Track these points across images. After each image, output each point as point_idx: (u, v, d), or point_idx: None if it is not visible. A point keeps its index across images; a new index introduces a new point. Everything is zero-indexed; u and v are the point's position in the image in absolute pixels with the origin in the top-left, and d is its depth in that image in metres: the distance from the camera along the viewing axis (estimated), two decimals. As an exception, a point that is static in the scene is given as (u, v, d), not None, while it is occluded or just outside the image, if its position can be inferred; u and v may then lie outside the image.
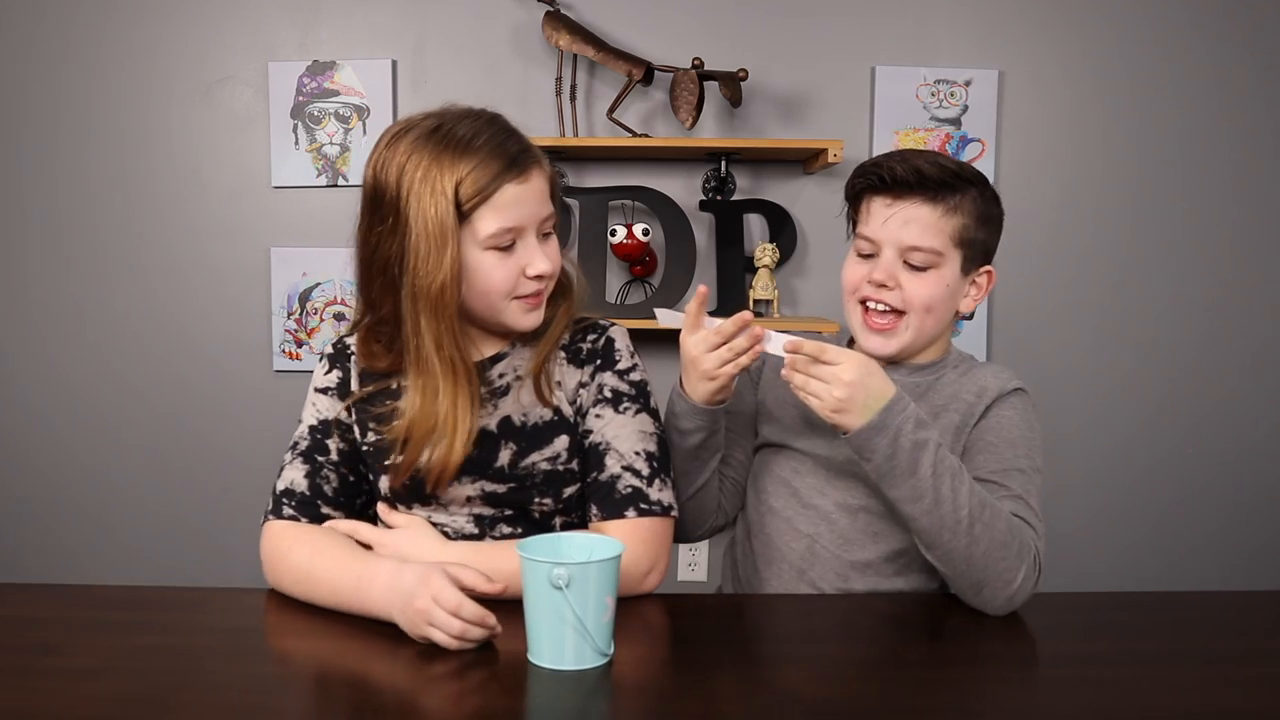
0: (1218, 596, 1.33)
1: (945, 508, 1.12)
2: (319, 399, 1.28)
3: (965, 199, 1.27)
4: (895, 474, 1.12)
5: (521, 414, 1.24)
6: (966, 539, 1.12)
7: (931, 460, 1.12)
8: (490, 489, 1.23)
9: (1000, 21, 2.50)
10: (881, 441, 1.12)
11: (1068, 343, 2.56)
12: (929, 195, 1.25)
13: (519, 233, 1.18)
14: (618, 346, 1.29)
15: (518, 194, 1.16)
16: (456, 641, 1.00)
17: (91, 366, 2.54)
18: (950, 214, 1.26)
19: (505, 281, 1.18)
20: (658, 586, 1.22)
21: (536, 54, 2.45)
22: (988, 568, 1.13)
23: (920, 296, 1.26)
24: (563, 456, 1.24)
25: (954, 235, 1.26)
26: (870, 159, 1.31)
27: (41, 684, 0.93)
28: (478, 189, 1.14)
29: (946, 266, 1.27)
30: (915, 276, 1.26)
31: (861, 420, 1.12)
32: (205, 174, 2.51)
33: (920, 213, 1.25)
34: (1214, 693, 0.95)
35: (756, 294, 2.43)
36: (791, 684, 0.96)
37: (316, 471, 1.24)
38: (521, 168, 1.17)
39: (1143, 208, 2.53)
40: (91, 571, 2.53)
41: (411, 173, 1.14)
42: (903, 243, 1.25)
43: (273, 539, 1.21)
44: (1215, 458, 2.58)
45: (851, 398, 1.11)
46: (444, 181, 1.13)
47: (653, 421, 1.27)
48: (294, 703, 0.94)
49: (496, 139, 1.17)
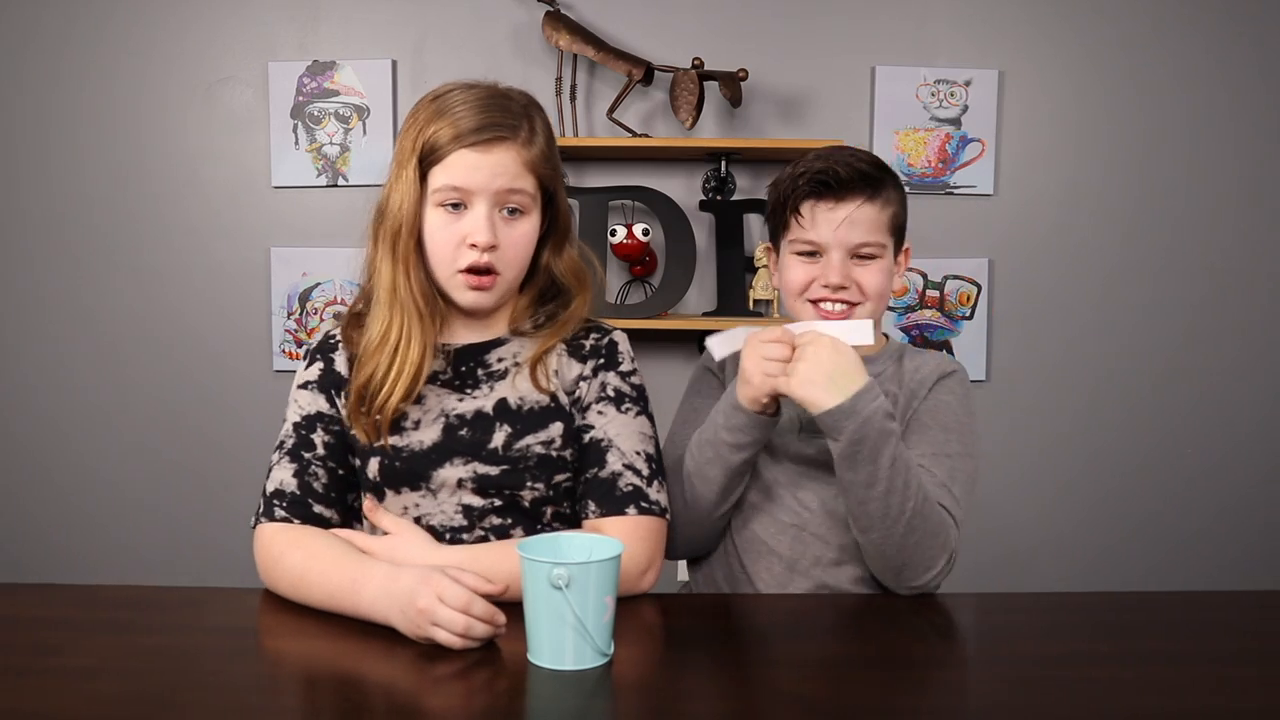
0: (1216, 596, 1.33)
1: (894, 498, 1.17)
2: (300, 395, 1.28)
3: (891, 189, 1.33)
4: (858, 459, 1.17)
5: (518, 398, 1.24)
6: (904, 529, 1.18)
7: (892, 453, 1.17)
8: (482, 471, 1.21)
9: (1000, 21, 2.50)
10: (850, 425, 1.16)
11: (1066, 341, 2.56)
12: (869, 194, 1.30)
13: (466, 196, 1.19)
14: (620, 350, 1.30)
15: (473, 160, 1.19)
16: (461, 640, 1.00)
17: (92, 366, 2.54)
18: (885, 207, 1.31)
19: (447, 244, 1.20)
20: (654, 586, 1.22)
21: (536, 54, 2.45)
22: (914, 556, 1.19)
23: (873, 286, 1.31)
24: (557, 442, 1.24)
25: (889, 226, 1.32)
26: (800, 165, 1.33)
27: (41, 684, 0.93)
28: (437, 145, 1.19)
29: (886, 255, 1.33)
30: (865, 268, 1.31)
31: (832, 400, 1.16)
32: (205, 174, 2.51)
33: (864, 212, 1.29)
34: (1212, 693, 0.95)
35: (756, 294, 2.43)
36: (791, 684, 0.96)
37: (304, 469, 1.23)
38: (486, 136, 1.19)
39: (1142, 207, 2.54)
40: (92, 571, 2.53)
41: (405, 130, 1.23)
42: (850, 243, 1.29)
43: (266, 543, 1.20)
44: (1212, 456, 2.58)
45: (802, 361, 1.17)
46: (419, 137, 1.20)
47: (650, 426, 1.29)
48: (293, 703, 0.94)
49: (476, 109, 1.20)
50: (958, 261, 2.53)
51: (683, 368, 2.50)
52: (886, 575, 1.23)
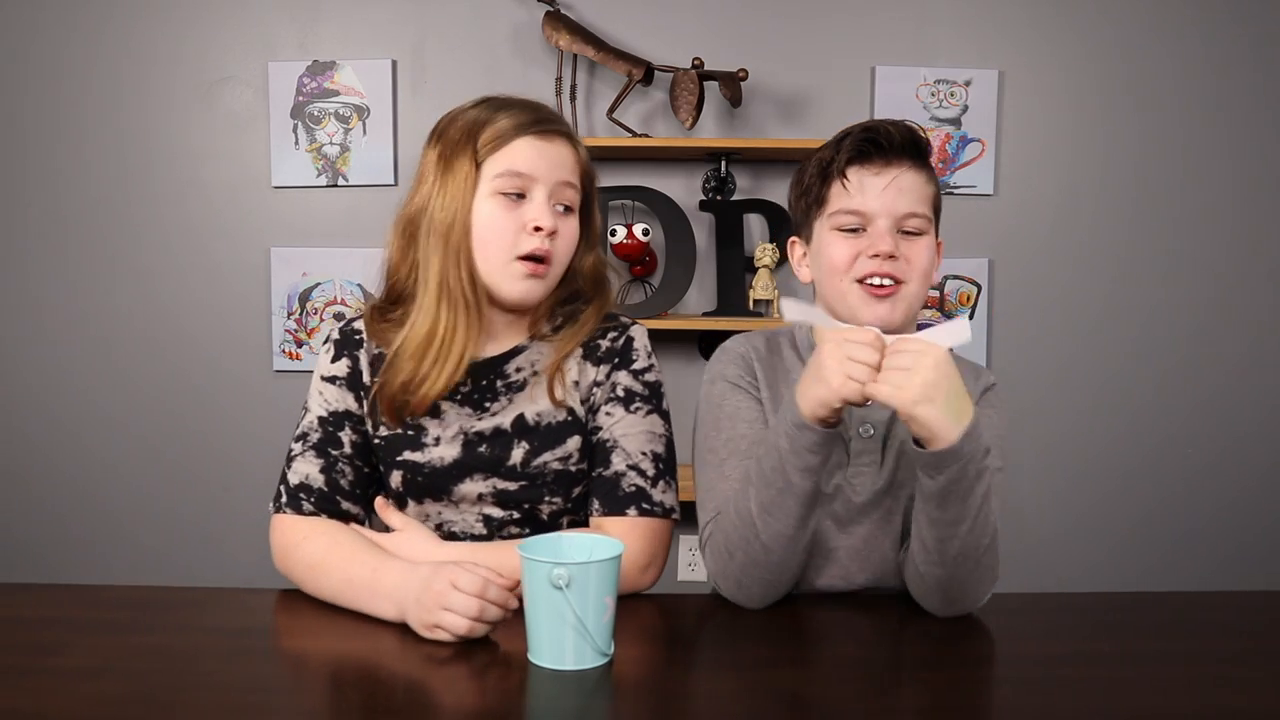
0: (1216, 596, 1.33)
1: (973, 537, 1.09)
2: (327, 388, 1.27)
3: (931, 168, 1.25)
4: (950, 499, 1.07)
5: (536, 413, 1.25)
6: (972, 565, 1.10)
7: (984, 491, 1.07)
8: (502, 487, 1.23)
9: (1000, 21, 2.50)
10: (953, 467, 1.05)
11: (1066, 341, 2.56)
12: (915, 161, 1.21)
13: (528, 183, 1.20)
14: (636, 346, 1.29)
15: (535, 147, 1.21)
16: (469, 624, 1.00)
17: (91, 366, 2.54)
18: (930, 180, 1.24)
19: (506, 231, 1.20)
20: (654, 584, 1.23)
21: (536, 54, 2.45)
22: (975, 589, 1.13)
23: (919, 263, 1.20)
24: (574, 457, 1.25)
25: (932, 201, 1.24)
26: (849, 129, 1.24)
27: (41, 684, 0.93)
28: (495, 137, 1.20)
29: (931, 234, 1.23)
30: (912, 243, 1.20)
31: (951, 430, 1.03)
32: (205, 174, 2.51)
33: (911, 179, 1.21)
34: (1213, 693, 0.95)
35: (756, 294, 2.43)
36: (791, 684, 0.96)
37: (332, 466, 1.24)
38: (545, 129, 1.22)
39: (1142, 207, 2.54)
40: (91, 571, 2.53)
41: (450, 128, 1.23)
42: (898, 210, 1.19)
43: (285, 529, 1.22)
44: (1212, 456, 2.58)
45: (936, 384, 1.02)
46: (470, 131, 1.21)
47: (662, 424, 1.27)
48: (294, 703, 0.94)
49: (529, 109, 1.24)
50: (958, 261, 2.53)
51: (683, 368, 2.50)
52: (934, 603, 1.14)
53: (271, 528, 1.23)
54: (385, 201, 2.50)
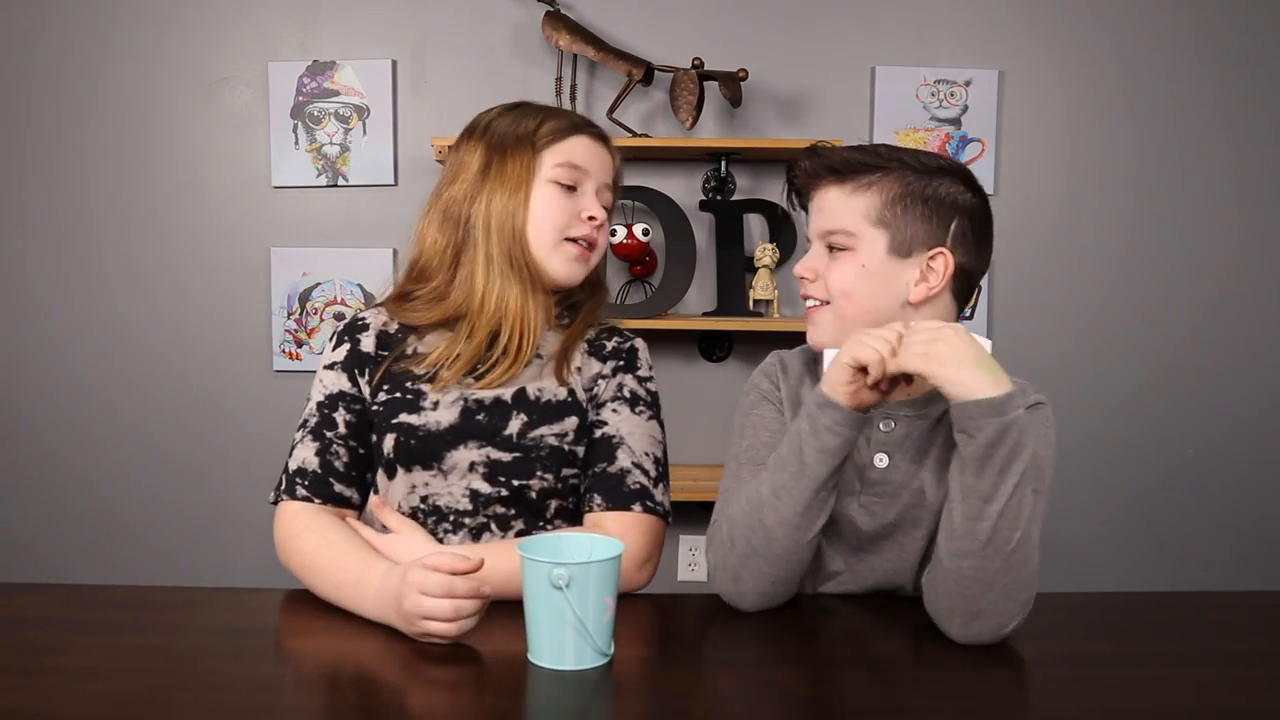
0: (1218, 596, 1.33)
1: (1005, 522, 1.03)
2: (325, 375, 1.30)
3: (886, 177, 1.18)
4: (989, 464, 1.03)
5: (538, 388, 1.28)
6: (1001, 564, 1.04)
7: (1021, 471, 1.04)
8: (495, 457, 1.24)
9: (1000, 21, 2.50)
10: (993, 423, 1.03)
11: (1067, 342, 2.56)
12: (836, 178, 1.21)
13: (582, 176, 1.30)
14: (640, 357, 1.35)
15: (589, 146, 1.32)
16: (455, 625, 1.00)
17: (91, 366, 2.54)
18: (860, 192, 1.18)
19: (560, 215, 1.28)
20: (650, 582, 1.24)
21: (536, 54, 2.45)
22: (999, 601, 1.04)
23: (834, 281, 1.20)
24: (570, 436, 1.27)
25: (867, 214, 1.18)
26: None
27: (41, 684, 0.93)
28: (553, 131, 1.30)
29: (863, 248, 1.18)
30: (832, 261, 1.21)
31: (985, 386, 1.03)
32: (205, 174, 2.51)
33: (829, 195, 1.21)
34: (1214, 693, 0.95)
35: (757, 294, 2.43)
36: (791, 684, 0.96)
37: (326, 448, 1.25)
38: (596, 133, 1.34)
39: (1142, 207, 2.54)
40: (91, 571, 2.53)
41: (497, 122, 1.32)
42: (820, 229, 1.23)
43: (286, 520, 1.23)
44: (1212, 456, 2.58)
45: (942, 340, 1.05)
46: (526, 124, 1.31)
47: (661, 431, 1.32)
48: (293, 703, 0.94)
49: (577, 114, 1.36)
50: (958, 261, 2.52)
51: (683, 368, 2.50)
52: (954, 618, 1.06)
53: (275, 518, 1.25)
54: (385, 202, 2.53)
